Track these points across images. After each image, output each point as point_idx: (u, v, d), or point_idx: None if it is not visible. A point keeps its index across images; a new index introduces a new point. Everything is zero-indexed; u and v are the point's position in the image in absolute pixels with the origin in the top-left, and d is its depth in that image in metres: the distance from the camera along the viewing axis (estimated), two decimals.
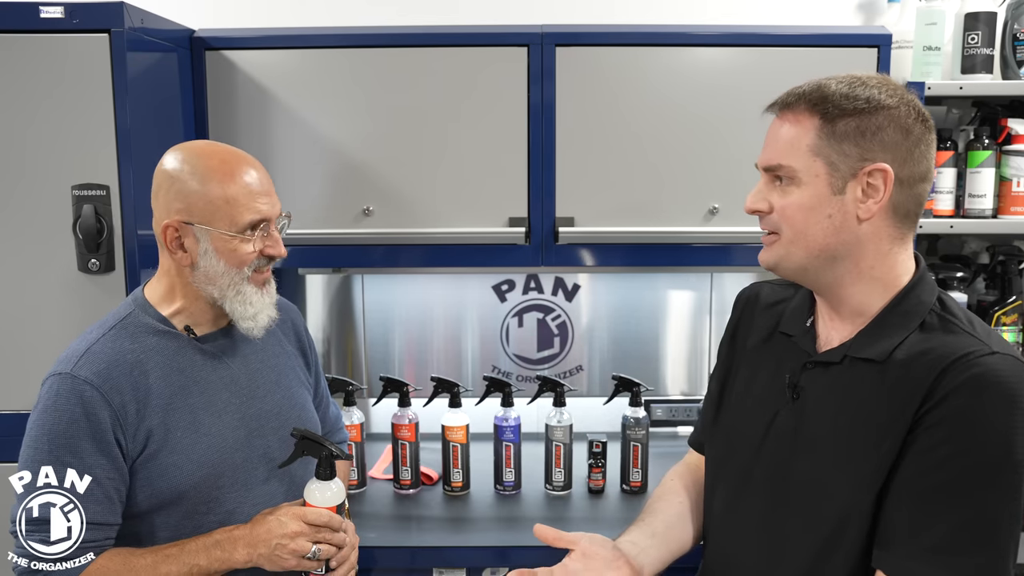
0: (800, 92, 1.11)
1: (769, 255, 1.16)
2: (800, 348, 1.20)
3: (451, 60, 1.81)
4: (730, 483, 1.26)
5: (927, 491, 1.03)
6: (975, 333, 1.07)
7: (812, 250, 1.11)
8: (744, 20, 2.09)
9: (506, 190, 1.83)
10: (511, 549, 1.69)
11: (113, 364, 1.25)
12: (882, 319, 1.13)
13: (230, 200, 1.27)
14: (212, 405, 1.32)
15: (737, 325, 1.36)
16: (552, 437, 1.93)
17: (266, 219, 1.30)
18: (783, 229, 1.13)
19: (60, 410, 1.21)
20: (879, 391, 1.09)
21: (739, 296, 1.39)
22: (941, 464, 1.02)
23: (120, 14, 1.54)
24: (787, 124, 1.11)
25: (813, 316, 1.22)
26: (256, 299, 1.33)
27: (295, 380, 1.47)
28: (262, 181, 1.31)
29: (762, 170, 1.16)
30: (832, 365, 1.15)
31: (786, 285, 1.32)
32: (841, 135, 1.07)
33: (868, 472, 1.08)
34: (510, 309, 2.31)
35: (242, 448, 1.34)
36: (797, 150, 1.09)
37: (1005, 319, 1.96)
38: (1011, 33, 1.96)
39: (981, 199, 1.91)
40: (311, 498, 1.31)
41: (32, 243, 1.59)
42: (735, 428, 1.26)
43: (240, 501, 1.33)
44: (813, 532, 1.13)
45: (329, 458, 1.32)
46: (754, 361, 1.28)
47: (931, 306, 1.12)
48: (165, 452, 1.26)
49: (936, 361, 1.05)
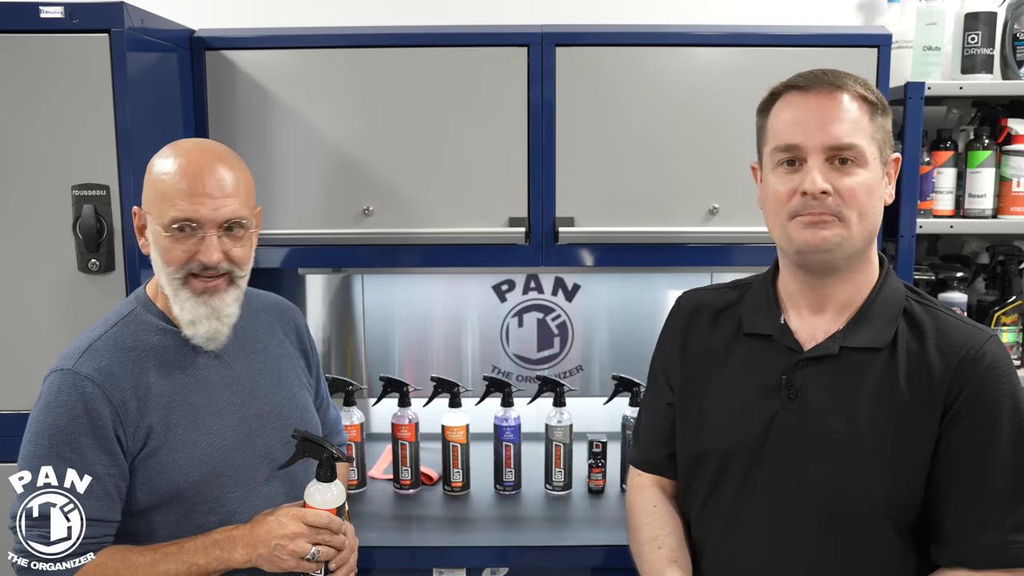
0: (844, 75, 1.13)
1: (831, 235, 1.10)
2: (782, 346, 1.18)
3: (451, 60, 1.81)
4: (726, 494, 1.21)
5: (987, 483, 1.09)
6: (959, 318, 1.17)
7: (868, 233, 1.13)
8: (744, 20, 2.09)
9: (506, 190, 1.83)
10: (511, 549, 1.69)
11: (115, 361, 1.25)
12: (867, 308, 1.15)
13: (161, 192, 1.24)
14: (213, 404, 1.32)
15: (687, 335, 1.30)
16: (552, 437, 1.93)
17: (192, 221, 1.23)
18: (849, 211, 1.10)
19: (61, 406, 1.21)
20: (892, 379, 1.11)
21: (680, 306, 1.34)
22: (989, 457, 1.09)
23: (120, 14, 1.54)
24: (846, 104, 1.10)
25: (783, 312, 1.21)
26: (190, 306, 1.27)
27: (296, 381, 1.46)
28: (204, 182, 1.23)
29: (823, 148, 1.10)
30: (826, 359, 1.14)
31: (727, 289, 1.31)
32: (880, 124, 1.12)
33: (904, 465, 1.09)
34: (510, 309, 2.31)
35: (243, 448, 1.34)
36: (863, 131, 1.11)
37: (1005, 319, 1.96)
38: (1011, 33, 1.95)
39: (981, 199, 1.91)
40: (311, 500, 1.31)
41: (32, 243, 1.59)
42: (724, 437, 1.21)
43: (241, 501, 1.33)
44: (836, 533, 1.12)
45: (330, 460, 1.31)
46: (723, 368, 1.24)
47: (904, 292, 1.18)
48: (165, 450, 1.26)
49: (947, 353, 1.11)
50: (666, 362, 1.34)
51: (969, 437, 1.09)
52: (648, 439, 1.36)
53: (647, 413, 1.38)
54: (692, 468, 1.27)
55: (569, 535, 1.76)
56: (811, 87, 1.12)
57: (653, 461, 1.35)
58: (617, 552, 1.66)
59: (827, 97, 1.10)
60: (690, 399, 1.28)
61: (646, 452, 1.37)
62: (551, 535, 1.75)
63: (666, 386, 1.33)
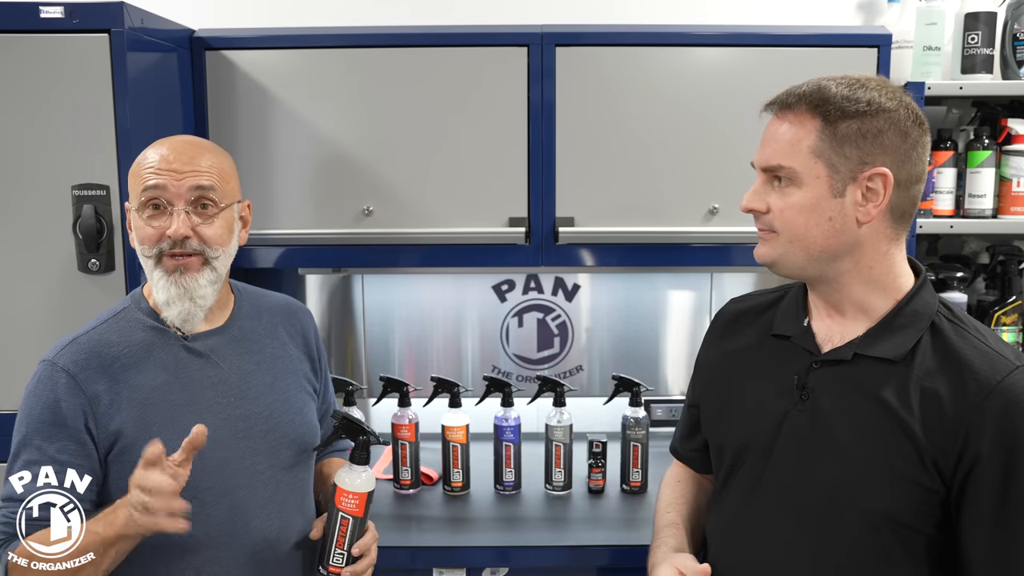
0: (801, 92, 1.10)
1: (767, 252, 1.15)
2: (801, 348, 1.18)
3: (451, 60, 1.81)
4: (736, 488, 1.23)
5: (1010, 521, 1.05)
6: (987, 342, 1.10)
7: (812, 251, 1.11)
8: (744, 20, 2.09)
9: (506, 190, 1.83)
10: (511, 549, 1.69)
11: (92, 355, 1.27)
12: (891, 319, 1.13)
13: (136, 175, 1.28)
14: (194, 403, 1.30)
15: (722, 337, 1.34)
16: (552, 437, 1.93)
17: (159, 190, 1.25)
18: (781, 230, 1.12)
19: (38, 395, 1.25)
20: (903, 394, 1.08)
21: (721, 312, 1.39)
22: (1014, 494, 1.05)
23: (120, 14, 1.54)
24: (787, 124, 1.10)
25: (808, 316, 1.21)
26: (163, 286, 1.27)
27: (294, 384, 1.43)
28: (173, 159, 1.25)
29: (760, 170, 1.14)
30: (840, 363, 1.14)
31: (770, 292, 1.32)
32: (842, 137, 1.07)
33: (906, 477, 1.07)
34: (510, 309, 2.31)
35: (224, 448, 1.30)
36: (798, 151, 1.09)
37: (1005, 319, 1.96)
38: (1011, 33, 1.96)
39: (981, 199, 1.91)
40: (341, 481, 1.32)
41: (32, 243, 1.59)
42: (739, 432, 1.24)
43: (215, 503, 1.29)
44: (832, 537, 1.12)
45: (366, 443, 1.33)
46: (749, 367, 1.26)
47: (936, 307, 1.13)
48: (139, 447, 1.21)
49: (969, 380, 1.06)
50: (698, 364, 1.40)
51: (995, 476, 1.05)
52: (679, 432, 1.47)
53: (684, 408, 1.46)
54: (716, 462, 1.32)
55: (569, 535, 1.76)
56: (770, 106, 1.14)
57: (681, 454, 1.46)
58: (618, 552, 1.66)
59: (775, 118, 1.13)
60: (714, 397, 1.32)
61: (676, 444, 1.47)
62: (551, 535, 1.75)
63: (692, 387, 1.41)
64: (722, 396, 1.30)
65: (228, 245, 1.32)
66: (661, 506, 1.39)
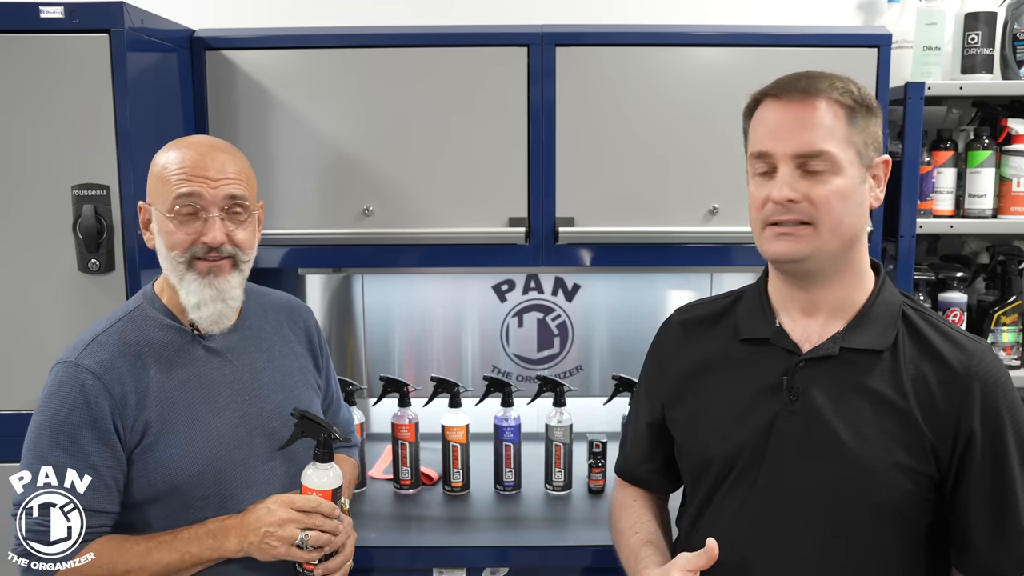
0: (820, 79, 1.11)
1: (802, 246, 1.10)
2: (780, 349, 1.18)
3: (451, 60, 1.81)
4: (729, 497, 1.20)
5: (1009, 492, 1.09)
6: (952, 327, 1.16)
7: (845, 239, 1.12)
8: (744, 20, 2.09)
9: (506, 190, 1.83)
10: (511, 549, 1.69)
11: (116, 355, 1.26)
12: (867, 311, 1.15)
13: (161, 177, 1.28)
14: (212, 401, 1.32)
15: (678, 349, 1.30)
16: (552, 437, 1.93)
17: (195, 198, 1.25)
18: (821, 219, 1.09)
19: (62, 397, 1.23)
20: (895, 382, 1.11)
21: (670, 322, 1.35)
22: (1010, 467, 1.09)
23: (120, 14, 1.54)
24: (819, 111, 1.09)
25: (775, 316, 1.20)
26: (196, 288, 1.28)
27: (301, 381, 1.46)
28: (206, 165, 1.26)
29: (791, 156, 1.09)
30: (827, 360, 1.14)
31: (718, 299, 1.32)
32: (861, 127, 1.10)
33: (909, 468, 1.09)
34: (510, 309, 2.31)
35: (242, 445, 1.34)
36: (835, 137, 1.09)
37: (1005, 319, 1.96)
38: (1011, 33, 1.95)
39: (981, 199, 1.91)
40: (307, 481, 1.31)
41: (32, 243, 1.59)
42: (725, 442, 1.20)
43: (240, 499, 1.32)
44: (841, 536, 1.12)
45: (327, 440, 1.31)
46: (721, 375, 1.23)
47: (901, 298, 1.18)
48: (162, 445, 1.27)
49: (953, 365, 1.11)
50: (652, 380, 1.35)
51: (986, 451, 1.09)
52: (632, 454, 1.40)
53: (632, 429, 1.40)
54: (696, 475, 1.26)
55: (569, 535, 1.76)
56: (783, 94, 1.11)
57: (637, 476, 1.40)
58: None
59: (799, 104, 1.09)
60: (686, 409, 1.27)
61: (631, 466, 1.41)
62: (551, 535, 1.75)
63: (648, 405, 1.35)
64: (694, 409, 1.26)
65: (254, 248, 1.36)
66: (624, 528, 1.34)
